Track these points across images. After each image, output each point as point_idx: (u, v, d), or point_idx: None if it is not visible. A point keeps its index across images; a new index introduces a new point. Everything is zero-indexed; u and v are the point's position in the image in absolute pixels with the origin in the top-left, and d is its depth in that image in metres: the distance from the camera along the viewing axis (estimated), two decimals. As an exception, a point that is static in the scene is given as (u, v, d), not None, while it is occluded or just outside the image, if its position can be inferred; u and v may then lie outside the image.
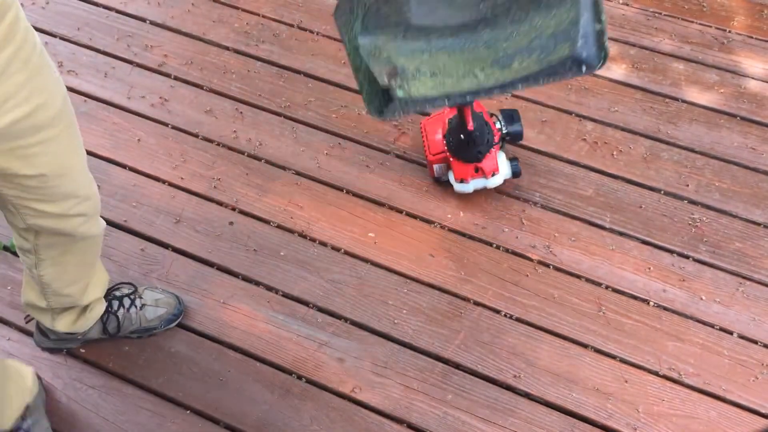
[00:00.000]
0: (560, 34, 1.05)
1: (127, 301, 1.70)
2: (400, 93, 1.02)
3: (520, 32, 1.06)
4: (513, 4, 1.08)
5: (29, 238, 1.38)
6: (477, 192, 2.00)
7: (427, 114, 2.07)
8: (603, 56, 1.10)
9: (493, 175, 1.90)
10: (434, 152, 1.94)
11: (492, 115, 1.94)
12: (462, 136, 1.83)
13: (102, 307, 1.66)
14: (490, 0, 1.08)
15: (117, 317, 1.68)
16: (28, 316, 1.69)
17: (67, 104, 1.24)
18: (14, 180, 1.21)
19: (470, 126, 1.79)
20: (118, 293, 1.71)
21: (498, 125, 1.93)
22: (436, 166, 1.96)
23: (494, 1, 1.08)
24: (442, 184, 2.01)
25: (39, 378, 1.65)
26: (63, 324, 1.60)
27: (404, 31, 1.07)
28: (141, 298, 1.73)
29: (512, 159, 1.96)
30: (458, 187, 1.94)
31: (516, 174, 1.95)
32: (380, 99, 1.06)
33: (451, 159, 1.90)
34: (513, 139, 1.94)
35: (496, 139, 1.88)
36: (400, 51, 1.06)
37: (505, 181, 1.96)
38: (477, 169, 1.89)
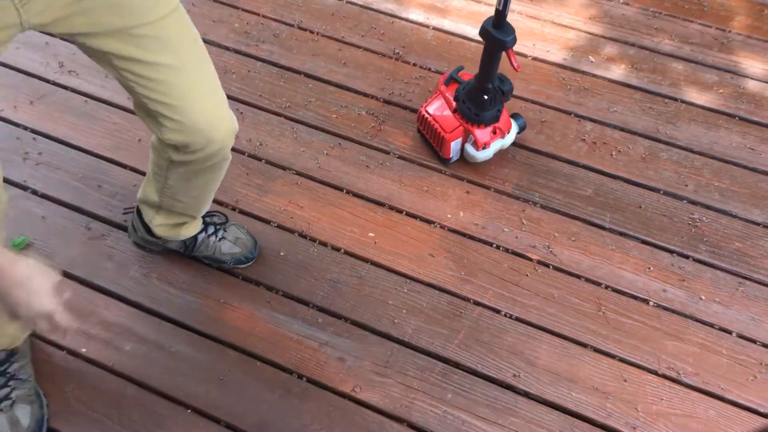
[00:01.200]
0: None
1: (211, 229, 1.81)
2: None
3: None
4: None
5: (167, 150, 1.46)
6: (477, 192, 2.01)
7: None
8: None
9: (508, 132, 1.98)
10: (449, 129, 1.97)
11: None
12: (485, 96, 1.88)
13: (197, 228, 1.77)
14: None
15: (196, 238, 1.79)
16: (128, 209, 1.86)
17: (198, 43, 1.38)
18: (135, 68, 1.29)
19: (517, 67, 1.79)
20: (207, 219, 1.82)
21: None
22: (452, 144, 1.98)
23: None
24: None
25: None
26: (159, 226, 1.72)
27: None
28: (225, 231, 1.82)
29: (513, 115, 2.03)
30: (481, 155, 1.98)
31: (523, 128, 2.04)
32: None
33: (471, 128, 1.94)
34: (506, 95, 1.97)
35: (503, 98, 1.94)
36: None
37: (516, 136, 2.04)
38: (495, 131, 1.95)
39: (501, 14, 1.73)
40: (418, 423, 1.65)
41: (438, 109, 2.01)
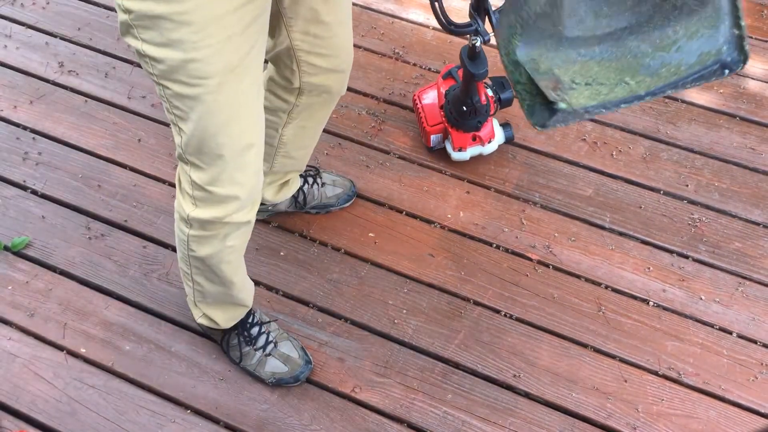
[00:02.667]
0: (703, 40, 1.11)
1: (310, 179, 1.91)
2: (562, 105, 1.05)
3: (664, 39, 1.11)
4: (656, 12, 1.11)
5: (290, 100, 1.53)
6: (477, 192, 2.01)
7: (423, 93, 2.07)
8: (743, 59, 1.17)
9: (489, 141, 1.97)
10: (432, 123, 2.00)
11: (484, 83, 1.98)
12: (464, 107, 1.88)
13: (298, 183, 1.86)
14: (633, 9, 1.12)
15: (304, 191, 1.89)
16: None
17: None
18: (312, 29, 1.36)
19: (482, 100, 1.87)
20: (303, 172, 1.90)
21: (491, 92, 1.98)
22: (433, 137, 2.01)
23: (638, 10, 1.11)
24: (439, 159, 2.02)
25: None
26: (269, 193, 1.79)
27: (557, 42, 1.10)
28: (321, 178, 1.92)
29: (504, 124, 2.03)
30: (456, 155, 2.00)
31: (509, 139, 2.03)
32: (542, 111, 1.08)
33: (450, 129, 1.95)
34: (503, 105, 2.01)
35: (492, 108, 1.95)
36: (553, 63, 1.09)
37: (499, 146, 2.04)
38: (475, 138, 1.95)
39: (473, 49, 1.77)
40: (417, 423, 1.65)
41: (429, 99, 2.04)
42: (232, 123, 1.19)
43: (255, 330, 1.67)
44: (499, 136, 2.01)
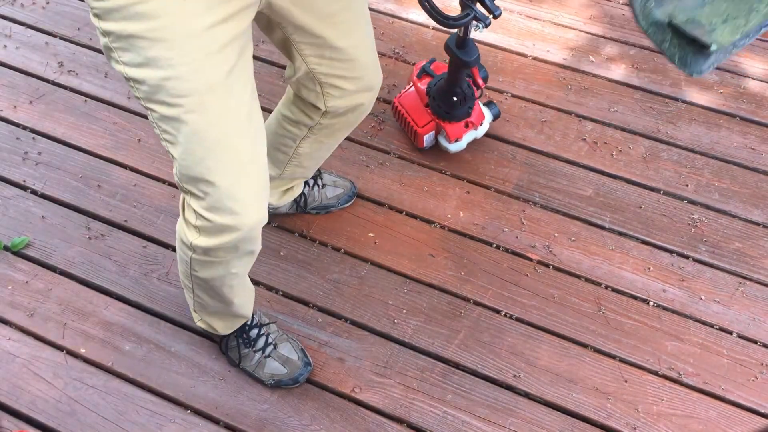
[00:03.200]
0: None
1: (311, 181, 1.91)
2: (714, 46, 1.08)
3: None
4: None
5: (315, 117, 1.51)
6: (477, 192, 2.01)
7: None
8: None
9: (481, 124, 1.98)
10: (422, 123, 2.00)
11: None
12: (454, 97, 1.89)
13: (301, 187, 1.87)
14: None
15: (304, 193, 1.90)
16: None
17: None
18: (326, 53, 1.34)
19: (481, 84, 1.87)
20: None
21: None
22: (426, 137, 2.01)
23: None
24: (434, 155, 2.02)
25: None
26: (273, 197, 1.80)
27: None
28: (321, 179, 1.93)
29: (487, 103, 2.05)
30: (453, 147, 2.00)
31: (497, 116, 2.05)
32: (695, 59, 1.11)
33: (443, 123, 1.95)
34: (485, 81, 1.97)
35: (476, 92, 1.94)
36: (688, 12, 1.12)
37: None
38: (467, 124, 1.96)
39: (462, 39, 1.75)
40: (417, 423, 1.65)
41: (412, 101, 2.03)
42: (219, 146, 1.17)
43: (254, 332, 1.67)
44: (488, 116, 2.02)
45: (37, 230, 1.93)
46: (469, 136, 2.00)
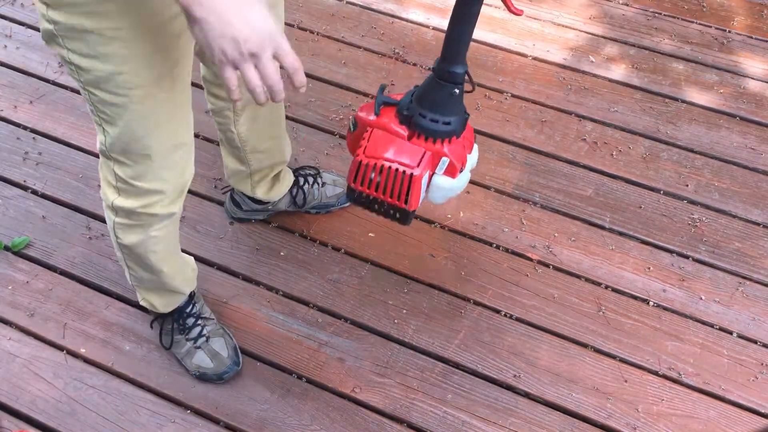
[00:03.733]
0: None
1: (311, 179, 1.92)
2: None
3: None
4: None
5: (227, 99, 1.53)
6: (477, 192, 2.01)
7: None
8: None
9: (471, 149, 1.46)
10: (416, 163, 1.35)
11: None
12: (457, 89, 1.35)
13: (291, 177, 1.87)
14: None
15: (303, 191, 1.90)
16: (226, 186, 1.93)
17: None
18: None
19: (517, 11, 1.27)
20: (303, 172, 1.92)
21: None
22: (422, 181, 1.36)
23: None
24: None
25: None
26: (261, 191, 1.80)
27: None
28: (321, 177, 1.93)
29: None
30: (463, 181, 1.43)
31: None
32: None
33: (442, 146, 1.35)
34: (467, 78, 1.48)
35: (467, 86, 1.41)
36: None
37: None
38: (464, 144, 1.42)
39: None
40: (418, 423, 1.65)
41: (386, 146, 1.36)
42: (160, 127, 1.20)
43: (191, 321, 1.68)
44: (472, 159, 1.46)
45: (38, 230, 1.93)
46: (471, 159, 1.45)
